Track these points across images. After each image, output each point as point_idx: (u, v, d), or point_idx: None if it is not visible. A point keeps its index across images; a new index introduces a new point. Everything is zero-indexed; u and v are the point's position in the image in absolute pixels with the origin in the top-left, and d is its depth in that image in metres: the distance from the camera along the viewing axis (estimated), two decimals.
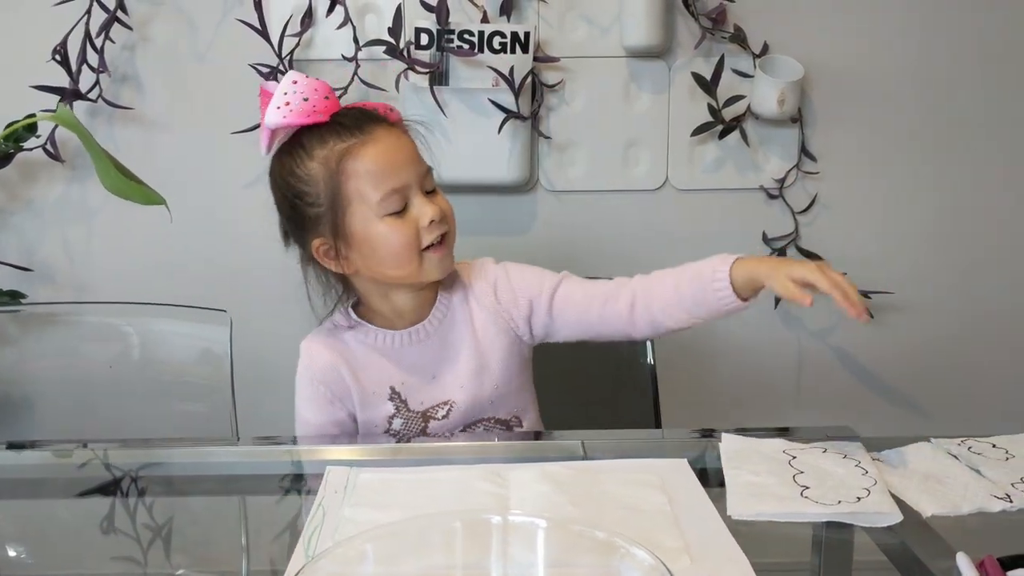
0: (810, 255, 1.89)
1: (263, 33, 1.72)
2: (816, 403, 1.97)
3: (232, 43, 1.79)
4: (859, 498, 0.91)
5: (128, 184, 0.78)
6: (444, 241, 1.17)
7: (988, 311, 1.94)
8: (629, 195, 1.89)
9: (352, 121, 1.14)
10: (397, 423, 1.21)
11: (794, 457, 1.01)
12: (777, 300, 1.89)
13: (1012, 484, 0.94)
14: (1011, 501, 0.90)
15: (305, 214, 1.16)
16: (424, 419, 1.22)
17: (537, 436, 1.19)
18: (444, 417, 1.22)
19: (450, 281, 1.26)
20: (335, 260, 1.17)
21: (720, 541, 0.83)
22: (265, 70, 1.75)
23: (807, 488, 0.93)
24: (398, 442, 1.20)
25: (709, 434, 1.11)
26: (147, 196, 0.80)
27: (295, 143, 1.15)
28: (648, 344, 1.55)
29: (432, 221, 1.14)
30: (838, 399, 1.96)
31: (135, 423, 1.32)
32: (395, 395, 1.21)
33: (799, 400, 1.97)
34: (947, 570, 0.79)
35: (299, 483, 1.11)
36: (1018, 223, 1.92)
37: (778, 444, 1.05)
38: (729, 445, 1.04)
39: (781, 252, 1.88)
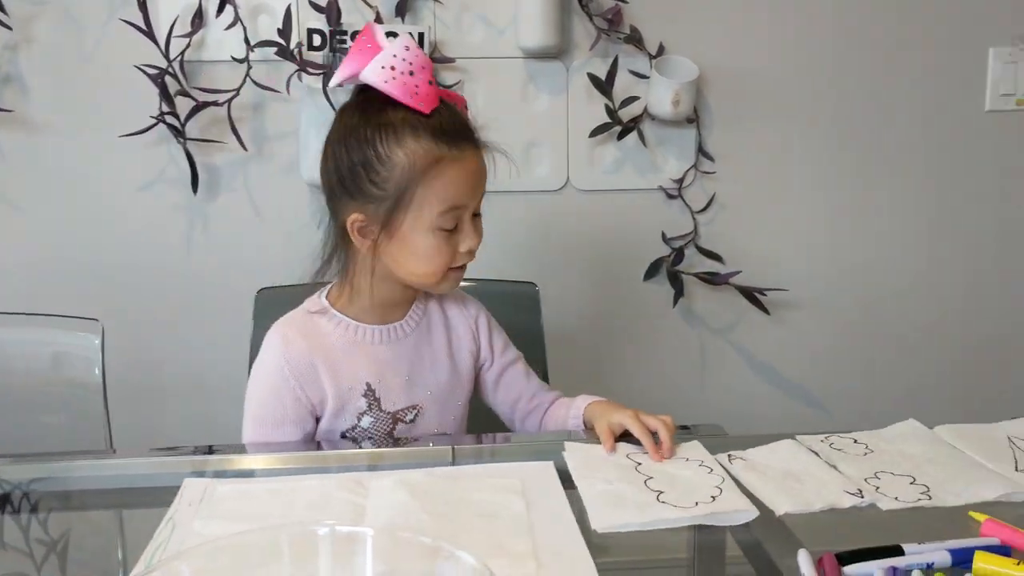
0: (709, 254, 1.91)
1: (148, 34, 1.68)
2: (718, 398, 2.00)
3: (119, 44, 1.75)
4: (713, 497, 0.92)
5: None
6: (464, 265, 1.19)
7: (878, 305, 2.00)
8: (531, 196, 1.90)
9: (452, 129, 1.11)
10: (366, 421, 1.18)
11: (639, 463, 1.01)
12: (676, 298, 1.91)
13: (865, 479, 0.96)
14: (862, 496, 0.92)
15: (362, 186, 1.12)
16: (393, 420, 1.20)
17: (408, 443, 1.18)
18: (412, 421, 1.21)
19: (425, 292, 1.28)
20: (364, 239, 1.14)
21: (570, 545, 0.83)
22: (153, 71, 1.71)
23: (661, 492, 0.93)
24: (361, 442, 1.18)
25: None
26: None
27: (386, 113, 1.10)
28: (544, 343, 1.55)
29: (470, 250, 1.15)
30: (739, 393, 2.00)
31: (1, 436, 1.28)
32: (370, 392, 1.18)
33: (702, 395, 2.00)
34: (794, 567, 0.80)
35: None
36: (907, 221, 1.97)
37: (620, 449, 1.05)
38: (573, 455, 1.03)
39: (680, 251, 1.90)
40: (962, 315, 2.01)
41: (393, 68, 1.08)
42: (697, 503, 0.90)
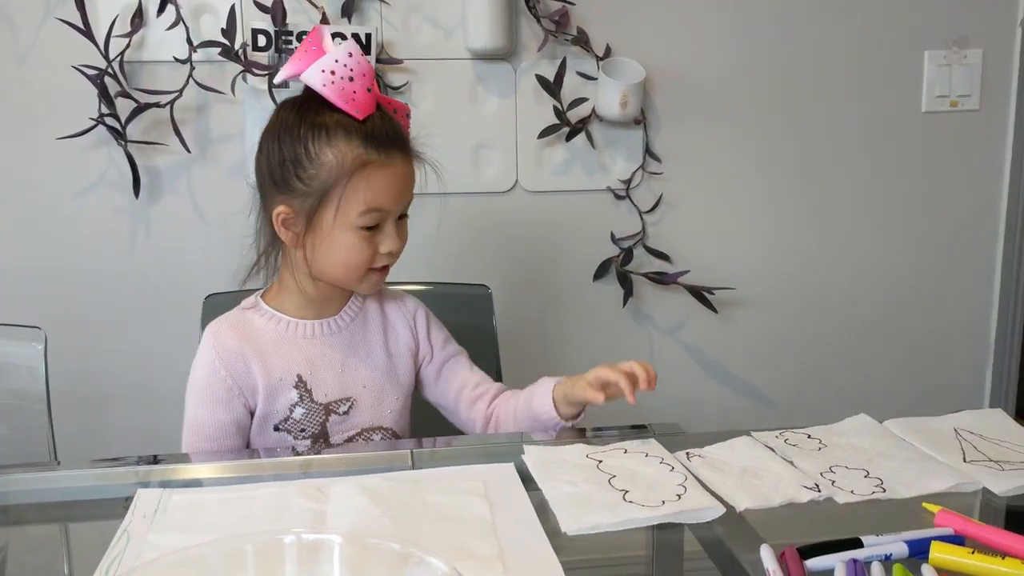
0: (657, 254, 1.93)
1: (87, 33, 1.64)
2: (667, 396, 2.00)
3: (56, 44, 1.70)
4: (679, 496, 0.92)
5: None
6: (387, 267, 1.21)
7: (823, 303, 2.04)
8: (480, 197, 1.89)
9: (383, 137, 1.14)
10: (298, 412, 1.20)
11: (600, 461, 1.01)
12: (626, 298, 1.93)
13: (821, 474, 0.97)
14: (819, 491, 0.93)
15: (289, 180, 1.15)
16: (326, 412, 1.21)
17: (360, 446, 1.17)
18: (345, 413, 1.22)
19: None
20: (288, 231, 1.18)
21: (536, 547, 0.83)
22: (92, 72, 1.67)
23: (627, 492, 0.93)
24: (295, 436, 1.19)
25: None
26: None
27: (322, 115, 1.14)
28: (497, 345, 1.55)
29: (391, 252, 1.18)
30: (688, 391, 2.02)
31: None
32: (301, 383, 1.20)
33: (651, 394, 1.99)
34: (756, 562, 0.81)
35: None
36: (849, 218, 2.01)
37: (579, 449, 1.05)
38: (533, 457, 1.03)
39: (629, 251, 1.91)
40: (904, 310, 2.06)
41: (333, 72, 1.13)
42: (664, 502, 0.91)
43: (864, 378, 2.06)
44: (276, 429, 1.21)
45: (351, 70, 1.13)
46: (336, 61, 1.12)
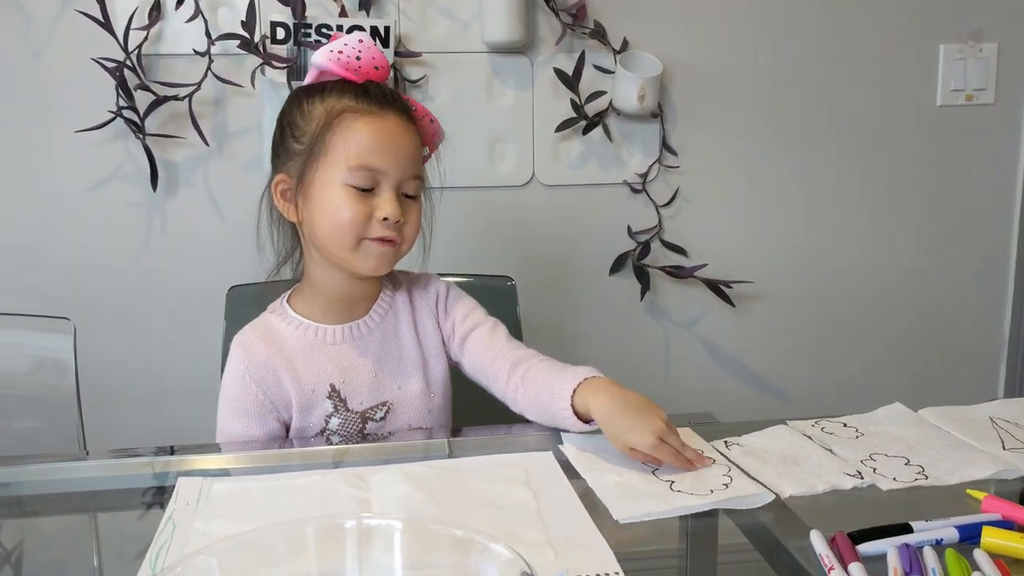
0: (674, 248, 1.93)
1: (106, 26, 1.63)
2: (684, 390, 2.01)
3: (73, 37, 1.69)
4: (725, 484, 0.92)
5: None
6: (392, 242, 1.13)
7: (842, 297, 2.03)
8: (497, 191, 1.89)
9: (377, 94, 1.12)
10: (334, 422, 1.17)
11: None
12: (643, 292, 1.93)
13: (862, 461, 0.98)
14: (861, 477, 0.94)
15: (287, 145, 1.14)
16: (362, 420, 1.18)
17: (389, 438, 1.16)
18: (382, 419, 1.18)
19: (393, 281, 1.26)
20: (286, 202, 1.15)
21: (584, 533, 0.83)
22: (111, 65, 1.66)
23: (672, 482, 0.93)
24: (335, 443, 1.16)
25: None
26: None
27: (322, 84, 1.14)
28: (522, 337, 1.54)
29: (386, 219, 1.10)
30: (705, 386, 2.01)
31: None
32: (335, 393, 1.16)
33: (668, 389, 2.01)
34: (803, 548, 0.81)
35: (160, 497, 1.04)
36: (866, 212, 2.01)
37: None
38: (572, 448, 1.03)
39: (646, 245, 1.91)
40: (918, 304, 2.06)
41: (341, 52, 1.12)
42: (712, 490, 0.91)
43: (879, 371, 2.06)
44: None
45: (359, 52, 1.11)
46: (346, 44, 1.11)
